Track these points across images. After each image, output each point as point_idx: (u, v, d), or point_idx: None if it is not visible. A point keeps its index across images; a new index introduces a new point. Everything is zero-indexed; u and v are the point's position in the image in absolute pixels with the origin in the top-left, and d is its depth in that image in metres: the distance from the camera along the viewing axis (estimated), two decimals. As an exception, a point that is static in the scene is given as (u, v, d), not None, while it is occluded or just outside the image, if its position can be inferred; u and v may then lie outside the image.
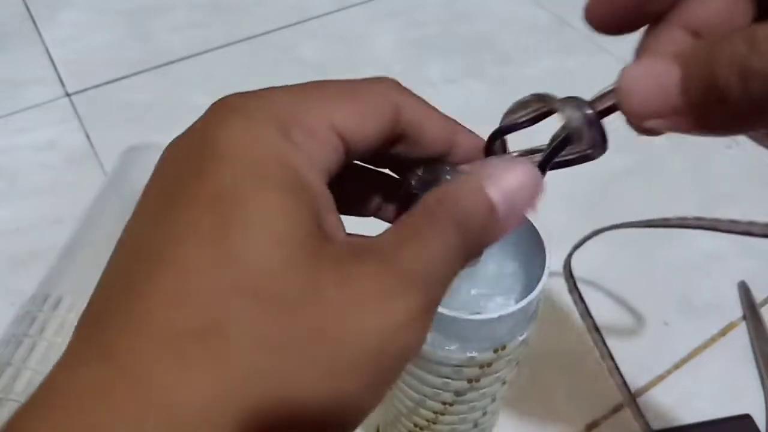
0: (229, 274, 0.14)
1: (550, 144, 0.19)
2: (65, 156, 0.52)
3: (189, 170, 0.15)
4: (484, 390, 0.25)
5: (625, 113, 0.17)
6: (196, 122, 0.17)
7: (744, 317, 0.44)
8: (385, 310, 0.15)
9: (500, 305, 0.25)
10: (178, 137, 0.17)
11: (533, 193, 0.18)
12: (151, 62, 0.60)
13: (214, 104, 0.17)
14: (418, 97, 0.19)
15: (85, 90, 0.57)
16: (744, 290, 0.46)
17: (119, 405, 0.13)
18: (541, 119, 0.20)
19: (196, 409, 0.13)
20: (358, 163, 0.20)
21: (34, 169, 0.51)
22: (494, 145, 0.21)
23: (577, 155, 0.20)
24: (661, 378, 0.42)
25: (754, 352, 0.43)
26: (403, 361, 0.15)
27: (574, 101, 0.19)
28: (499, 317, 0.21)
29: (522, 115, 0.20)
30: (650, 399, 0.41)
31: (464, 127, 0.20)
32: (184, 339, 0.13)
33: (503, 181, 0.17)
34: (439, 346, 0.22)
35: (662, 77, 0.16)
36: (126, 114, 0.55)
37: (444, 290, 0.16)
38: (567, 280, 0.41)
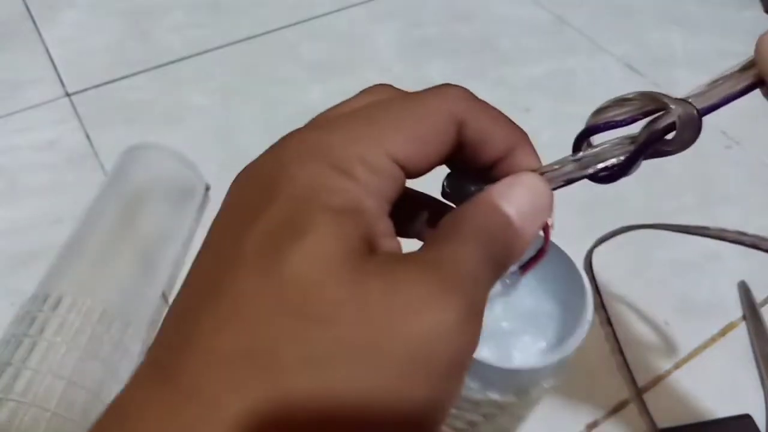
0: (274, 293, 0.15)
1: (646, 132, 0.19)
2: (65, 156, 0.52)
3: (248, 208, 0.16)
4: (499, 425, 0.24)
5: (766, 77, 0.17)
6: (262, 156, 0.18)
7: (744, 317, 0.44)
8: (431, 315, 0.15)
9: (528, 344, 0.24)
10: (248, 167, 0.18)
11: (544, 205, 0.18)
12: (151, 62, 0.60)
13: (281, 140, 0.18)
14: (483, 104, 0.19)
15: (85, 90, 0.57)
16: (744, 290, 0.46)
17: (180, 420, 0.14)
18: (641, 118, 0.19)
19: (245, 425, 0.14)
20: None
21: (34, 169, 0.51)
22: (582, 145, 0.21)
23: (665, 149, 0.20)
24: (661, 378, 0.42)
25: (754, 352, 0.43)
26: (458, 365, 0.15)
27: (684, 101, 0.19)
28: (532, 369, 0.20)
29: (621, 113, 0.20)
30: (650, 399, 0.41)
31: (527, 141, 0.20)
32: (235, 359, 0.14)
33: (513, 196, 0.18)
34: None
35: None
36: (126, 114, 0.55)
37: (485, 295, 0.16)
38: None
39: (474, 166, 0.20)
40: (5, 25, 0.63)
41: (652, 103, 0.19)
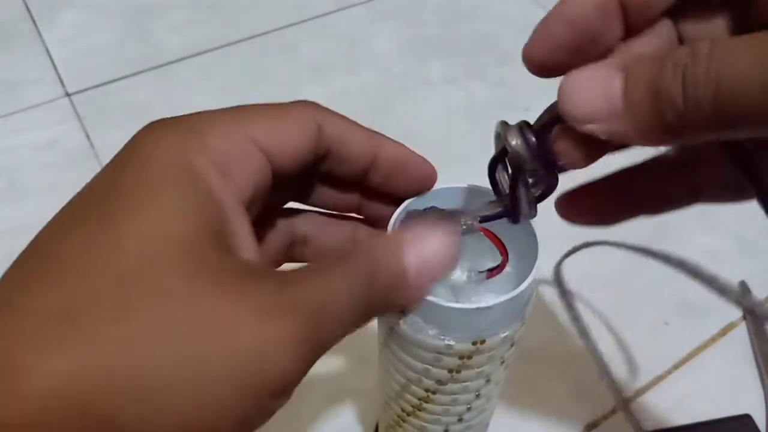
0: (103, 258, 0.14)
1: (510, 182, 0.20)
2: (65, 156, 0.52)
3: (102, 176, 0.16)
4: (466, 383, 0.25)
5: (564, 115, 0.17)
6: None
7: (744, 317, 0.44)
8: (259, 328, 0.14)
9: (485, 298, 0.25)
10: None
11: (447, 264, 0.18)
12: (150, 62, 0.60)
13: (146, 126, 0.18)
14: (339, 114, 0.20)
15: (85, 90, 0.57)
16: (744, 290, 0.46)
17: None
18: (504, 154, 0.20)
19: (44, 396, 0.13)
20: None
21: (34, 169, 0.51)
22: (495, 175, 0.21)
23: (539, 190, 0.20)
24: (661, 378, 0.42)
25: (754, 352, 0.43)
26: (272, 390, 0.15)
27: (516, 128, 0.19)
28: (478, 309, 0.21)
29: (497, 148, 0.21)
30: (650, 399, 0.41)
31: (387, 137, 0.21)
32: (51, 320, 0.13)
33: (421, 248, 0.17)
34: (418, 330, 0.22)
35: (605, 80, 0.16)
36: (126, 114, 0.55)
37: (337, 334, 0.16)
38: (556, 286, 0.42)
39: (345, 172, 0.21)
40: (5, 25, 0.63)
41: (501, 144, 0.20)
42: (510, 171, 0.20)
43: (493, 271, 0.23)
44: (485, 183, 0.23)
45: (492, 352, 0.23)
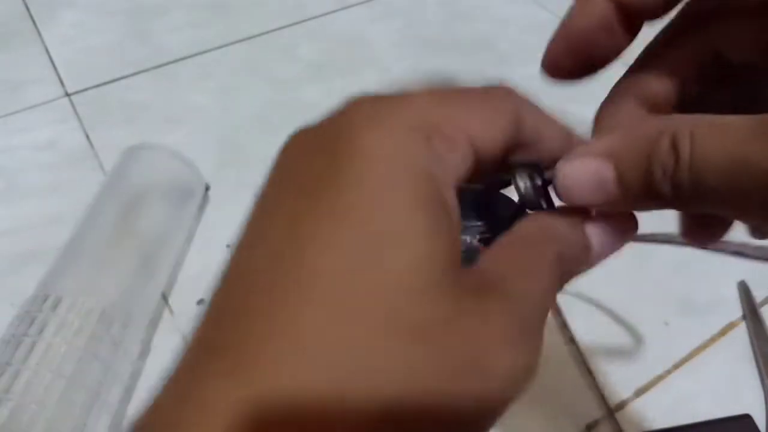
0: (373, 295, 0.13)
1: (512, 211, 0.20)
2: (65, 156, 0.52)
3: (326, 174, 0.14)
4: None
5: (564, 202, 0.18)
6: (326, 120, 0.16)
7: (744, 317, 0.44)
8: (517, 353, 0.15)
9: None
10: (304, 132, 0.16)
11: (626, 237, 0.19)
12: (150, 62, 0.60)
13: (347, 104, 0.16)
14: (536, 106, 0.19)
15: (85, 90, 0.57)
16: (744, 290, 0.46)
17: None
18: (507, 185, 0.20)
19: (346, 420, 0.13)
20: None
21: (33, 169, 0.51)
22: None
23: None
24: (661, 378, 0.42)
25: (754, 352, 0.43)
26: (516, 395, 0.15)
27: (526, 169, 0.19)
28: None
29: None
30: (650, 399, 0.41)
31: (580, 137, 0.20)
32: (335, 354, 0.13)
33: (604, 223, 0.18)
34: None
35: (597, 174, 0.17)
36: (126, 114, 0.55)
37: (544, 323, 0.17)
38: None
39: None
40: (5, 25, 0.63)
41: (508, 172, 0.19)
42: (518, 200, 0.20)
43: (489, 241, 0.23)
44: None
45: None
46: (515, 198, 0.19)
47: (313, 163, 0.15)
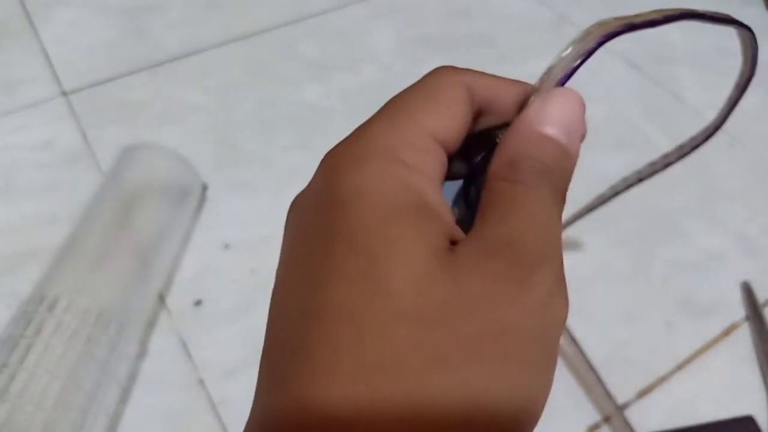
0: (384, 305, 0.14)
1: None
2: (62, 155, 0.52)
3: (322, 224, 0.16)
4: None
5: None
6: (312, 179, 0.17)
7: (747, 317, 0.44)
8: (531, 297, 0.15)
9: None
10: (301, 193, 0.18)
11: (582, 114, 0.18)
12: (147, 61, 0.59)
13: (323, 159, 0.17)
14: (482, 73, 0.19)
15: (82, 89, 0.57)
16: (747, 290, 0.45)
17: None
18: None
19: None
20: None
21: (30, 169, 0.51)
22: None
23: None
24: (663, 379, 0.41)
25: (757, 353, 0.42)
26: (560, 332, 0.16)
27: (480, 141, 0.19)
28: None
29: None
30: (653, 400, 0.40)
31: (533, 85, 0.20)
32: (369, 375, 0.14)
33: (554, 116, 0.17)
34: None
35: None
36: (122, 113, 0.55)
37: (560, 242, 0.17)
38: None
39: (492, 122, 0.19)
40: (0, 23, 0.62)
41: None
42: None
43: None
44: None
45: None
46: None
47: (311, 222, 0.17)
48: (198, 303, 0.43)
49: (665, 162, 0.21)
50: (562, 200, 0.17)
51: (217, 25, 0.64)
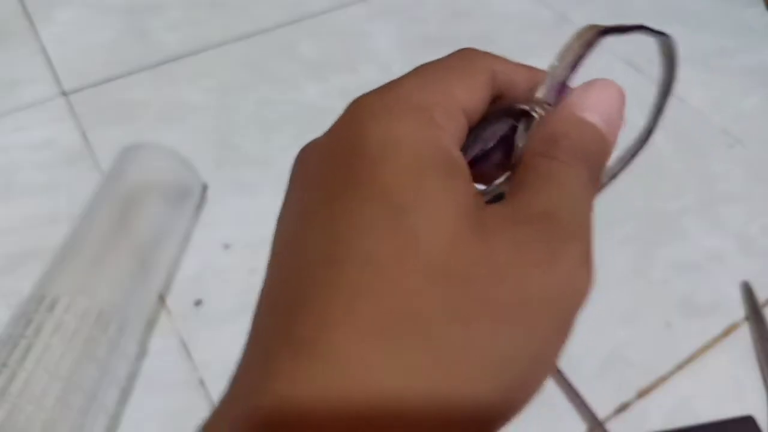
0: (411, 261, 0.14)
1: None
2: (61, 155, 0.52)
3: (346, 172, 0.16)
4: None
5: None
6: (334, 125, 0.17)
7: (747, 318, 0.44)
8: (560, 268, 0.15)
9: None
10: (317, 141, 0.17)
11: (622, 104, 0.19)
12: (147, 61, 0.59)
13: (350, 106, 0.17)
14: (501, 58, 0.20)
15: (82, 89, 0.57)
16: (747, 290, 0.45)
17: (346, 405, 0.13)
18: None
19: (421, 397, 0.13)
20: None
21: (30, 169, 0.51)
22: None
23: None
24: (663, 379, 0.41)
25: (757, 353, 0.42)
26: (580, 307, 0.16)
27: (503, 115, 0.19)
28: None
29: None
30: (653, 400, 0.40)
31: (542, 71, 0.20)
32: (389, 327, 0.14)
33: (595, 103, 0.18)
34: None
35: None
36: (122, 113, 0.55)
37: (591, 222, 0.17)
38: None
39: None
40: (1, 23, 0.62)
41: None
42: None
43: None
44: None
45: None
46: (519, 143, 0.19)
47: (331, 169, 0.16)
48: (198, 303, 0.43)
49: (610, 174, 0.22)
50: (595, 187, 0.17)
51: (218, 25, 0.64)
